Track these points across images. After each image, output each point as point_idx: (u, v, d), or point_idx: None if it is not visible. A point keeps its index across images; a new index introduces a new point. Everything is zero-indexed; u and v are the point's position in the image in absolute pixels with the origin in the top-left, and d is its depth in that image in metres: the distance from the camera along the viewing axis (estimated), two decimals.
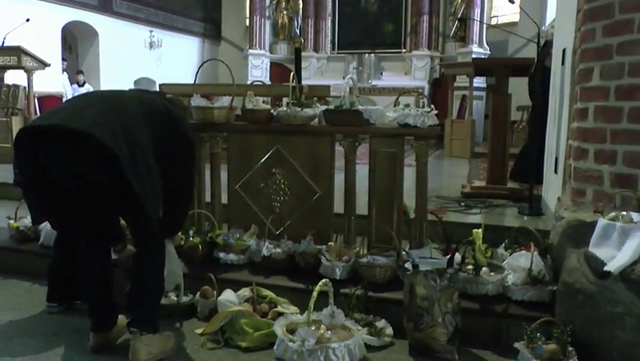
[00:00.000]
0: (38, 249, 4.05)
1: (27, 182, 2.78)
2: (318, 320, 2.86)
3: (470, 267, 3.19)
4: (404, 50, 14.97)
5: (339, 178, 3.84)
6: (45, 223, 4.05)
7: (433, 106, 3.64)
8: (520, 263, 3.14)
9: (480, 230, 3.27)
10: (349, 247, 3.64)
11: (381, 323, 3.02)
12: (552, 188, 4.44)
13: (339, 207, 3.83)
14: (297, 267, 3.51)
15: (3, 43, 8.20)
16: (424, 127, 3.52)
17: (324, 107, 3.82)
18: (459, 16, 13.88)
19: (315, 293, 2.70)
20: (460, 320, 2.81)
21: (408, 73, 14.82)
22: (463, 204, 5.06)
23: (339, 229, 3.79)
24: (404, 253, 3.39)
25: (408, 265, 3.11)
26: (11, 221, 4.29)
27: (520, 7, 9.68)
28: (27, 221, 4.23)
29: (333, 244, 3.55)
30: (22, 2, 10.81)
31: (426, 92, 13.39)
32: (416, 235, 3.67)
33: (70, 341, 2.99)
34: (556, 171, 4.24)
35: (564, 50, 4.15)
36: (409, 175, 3.74)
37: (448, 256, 3.10)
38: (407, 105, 3.61)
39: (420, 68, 14.63)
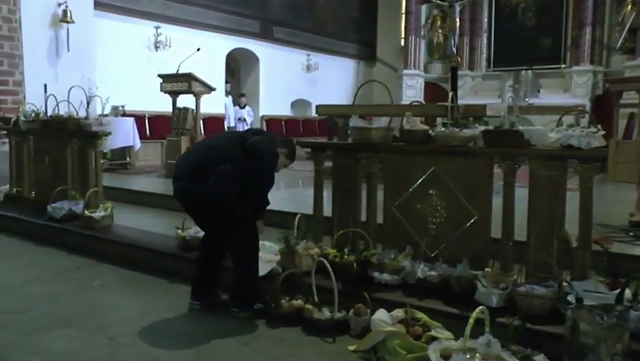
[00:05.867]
0: None
1: None
2: (474, 348, 2.79)
3: None
4: (563, 66, 14.19)
5: (496, 201, 3.73)
6: None
7: (599, 126, 3.41)
8: None
9: None
10: (506, 274, 3.51)
11: (539, 358, 2.86)
12: None
13: (496, 231, 3.71)
14: (451, 291, 3.46)
15: (177, 71, 8.98)
16: (589, 149, 3.32)
17: (482, 128, 3.74)
18: (628, 26, 12.83)
19: (471, 320, 2.65)
20: None
21: (567, 90, 14.01)
22: (631, 234, 4.65)
23: (496, 254, 3.68)
24: (565, 284, 3.20)
25: (570, 298, 2.95)
26: (179, 231, 4.70)
27: None
28: (192, 231, 4.61)
29: (489, 269, 3.45)
30: (194, 34, 11.88)
31: (587, 110, 12.55)
32: (578, 266, 3.45)
33: (224, 343, 3.28)
34: None
35: None
36: (570, 200, 3.53)
37: (617, 292, 2.88)
38: (571, 125, 3.43)
39: (581, 84, 13.78)
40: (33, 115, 6.66)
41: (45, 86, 7.66)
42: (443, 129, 3.75)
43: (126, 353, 3.15)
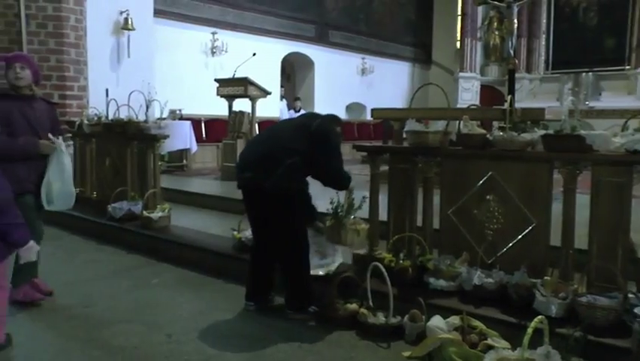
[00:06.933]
0: None
1: None
2: (532, 358, 2.72)
3: None
4: (628, 67, 13.69)
5: (556, 208, 3.63)
6: None
7: None
8: None
9: None
10: (566, 283, 3.40)
11: None
12: None
13: (555, 238, 3.60)
14: (509, 299, 3.38)
15: (234, 75, 9.12)
16: None
17: (542, 132, 3.64)
18: None
19: (530, 330, 2.57)
20: None
21: (632, 92, 13.52)
22: None
23: (555, 262, 3.57)
24: (631, 295, 3.08)
25: (637, 311, 2.83)
26: (235, 232, 4.78)
27: None
28: (248, 233, 4.66)
29: (548, 278, 3.36)
30: (250, 39, 12.10)
31: None
32: None
33: (278, 345, 3.31)
34: None
35: None
36: (636, 208, 3.40)
37: None
38: (637, 130, 3.30)
39: None
40: (95, 118, 6.90)
41: (107, 90, 7.94)
42: (501, 133, 3.67)
43: (183, 350, 3.22)
